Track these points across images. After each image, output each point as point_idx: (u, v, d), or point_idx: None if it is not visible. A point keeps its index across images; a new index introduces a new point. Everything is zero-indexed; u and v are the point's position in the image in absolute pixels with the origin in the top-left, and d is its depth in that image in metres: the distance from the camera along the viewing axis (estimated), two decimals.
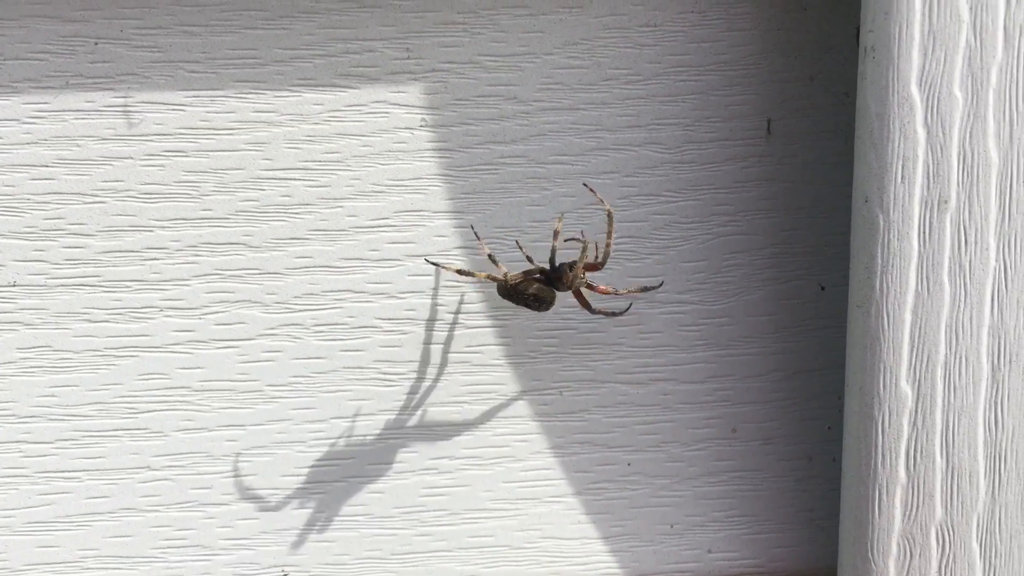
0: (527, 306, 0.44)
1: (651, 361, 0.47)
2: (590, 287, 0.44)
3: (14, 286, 0.44)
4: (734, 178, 0.47)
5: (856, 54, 0.44)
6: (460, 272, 0.44)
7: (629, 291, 0.45)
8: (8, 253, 0.44)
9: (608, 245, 0.44)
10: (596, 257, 0.44)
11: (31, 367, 0.45)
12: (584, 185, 0.45)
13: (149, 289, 0.45)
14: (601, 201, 0.44)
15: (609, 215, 0.44)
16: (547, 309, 0.44)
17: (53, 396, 0.45)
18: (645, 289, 0.45)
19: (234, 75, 0.44)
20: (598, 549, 0.48)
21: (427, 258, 0.45)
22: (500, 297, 0.44)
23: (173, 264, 0.45)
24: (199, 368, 0.45)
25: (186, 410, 0.45)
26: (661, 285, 0.46)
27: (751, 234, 0.47)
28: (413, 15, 0.44)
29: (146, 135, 0.44)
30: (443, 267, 0.45)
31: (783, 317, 0.48)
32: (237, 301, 0.45)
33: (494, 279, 0.44)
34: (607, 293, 0.45)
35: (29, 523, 0.45)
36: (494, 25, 0.45)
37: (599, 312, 0.45)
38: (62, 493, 0.45)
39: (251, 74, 0.44)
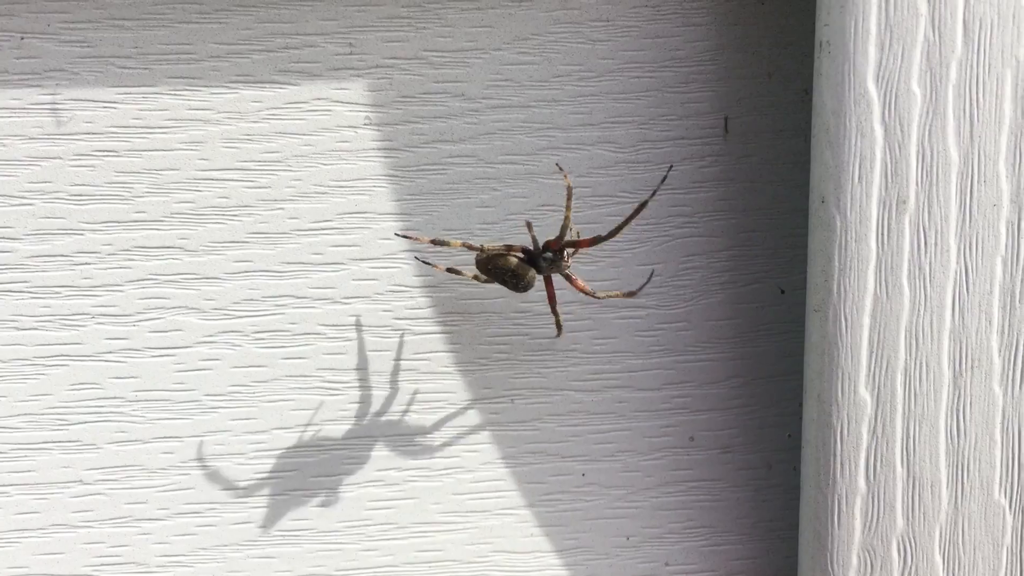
0: (504, 283, 0.42)
1: (606, 368, 0.46)
2: (569, 278, 0.42)
3: None
4: (691, 178, 0.45)
5: (814, 49, 0.43)
6: (450, 271, 0.42)
7: (608, 294, 0.43)
8: None
9: (567, 219, 0.41)
10: (577, 233, 0.42)
11: None
12: (556, 165, 0.43)
13: (80, 295, 0.43)
14: (564, 178, 0.42)
15: (568, 189, 0.41)
16: (523, 290, 0.42)
17: None
18: (630, 294, 0.43)
19: (168, 71, 0.42)
20: (551, 563, 0.46)
21: (418, 256, 0.43)
22: (477, 273, 0.42)
23: (105, 269, 0.43)
24: (133, 377, 0.43)
25: (120, 421, 0.44)
26: (651, 276, 0.44)
27: (709, 236, 0.46)
28: (356, 9, 0.43)
29: (75, 134, 0.42)
30: (434, 266, 0.43)
31: (742, 321, 0.46)
32: (173, 307, 0.43)
33: (471, 247, 0.42)
34: (583, 291, 0.43)
35: None
36: (440, 19, 0.43)
37: (607, 296, 0.43)
38: None
39: (186, 70, 0.42)
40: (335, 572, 0.45)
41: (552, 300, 0.43)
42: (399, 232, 0.43)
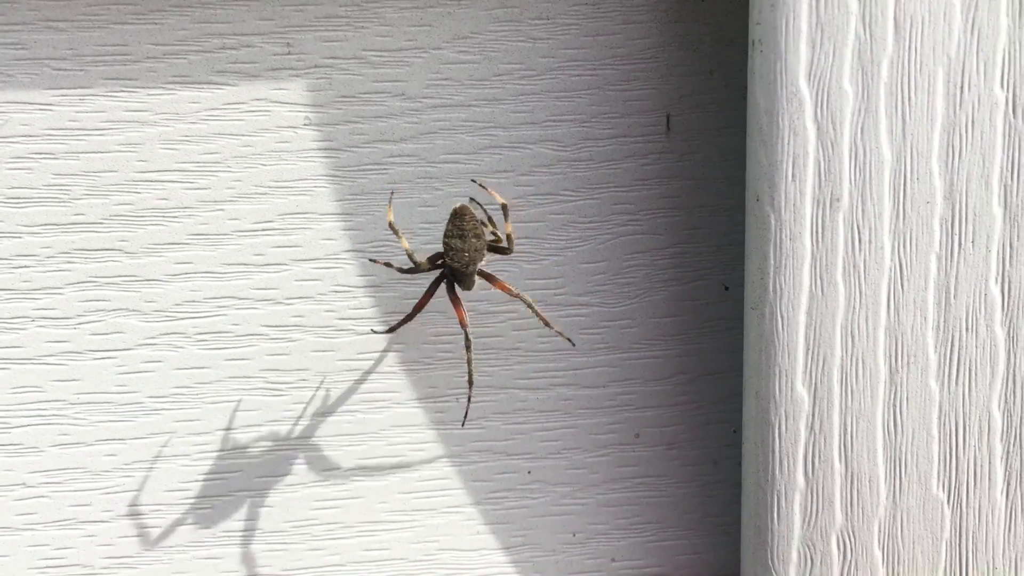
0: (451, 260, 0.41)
1: (550, 366, 0.46)
2: (487, 277, 0.42)
3: None
4: (633, 176, 0.45)
5: None
6: (387, 265, 0.42)
7: (521, 295, 0.42)
8: None
9: (509, 235, 0.42)
10: (498, 239, 0.42)
11: None
12: (473, 181, 0.43)
13: (19, 298, 0.43)
14: (494, 196, 0.42)
15: (504, 208, 0.42)
16: (468, 266, 0.41)
17: None
18: (548, 326, 0.43)
19: (104, 72, 0.42)
20: (498, 560, 0.46)
21: (371, 259, 0.43)
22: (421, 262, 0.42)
23: (44, 272, 0.43)
24: (75, 380, 0.43)
25: (62, 424, 0.44)
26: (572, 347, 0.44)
27: (652, 233, 0.46)
28: (293, 8, 0.43)
29: (11, 137, 0.42)
30: (393, 267, 0.42)
31: (687, 318, 0.46)
32: (114, 310, 0.43)
33: (411, 259, 0.41)
34: (506, 291, 0.43)
35: None
36: (379, 18, 0.43)
37: (558, 332, 0.43)
38: None
39: (122, 71, 0.42)
40: (282, 572, 0.45)
41: (547, 324, 0.42)
42: (372, 259, 0.43)
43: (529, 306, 0.42)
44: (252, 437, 0.45)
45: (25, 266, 0.43)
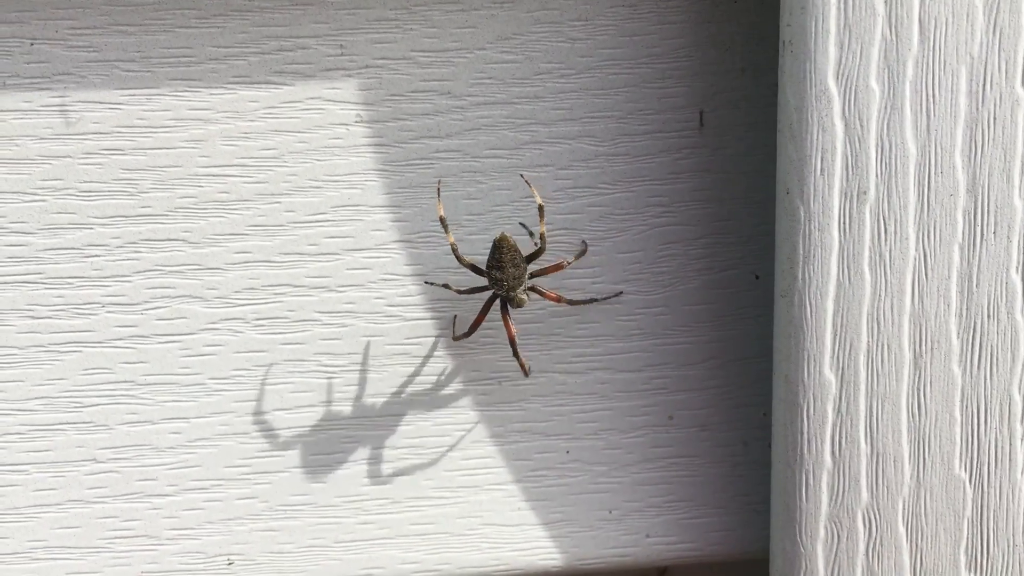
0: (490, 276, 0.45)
1: (588, 351, 0.48)
2: (538, 291, 0.45)
3: None
4: (668, 169, 0.47)
5: None
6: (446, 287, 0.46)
7: (572, 302, 0.46)
8: None
9: (542, 235, 0.45)
10: (536, 244, 0.45)
11: None
12: (520, 176, 0.46)
13: (91, 285, 0.46)
14: (534, 194, 0.45)
15: (540, 209, 0.44)
16: (512, 288, 0.45)
17: None
18: (592, 300, 0.46)
19: (169, 73, 0.45)
20: (538, 535, 0.49)
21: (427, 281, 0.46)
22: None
23: (114, 261, 0.46)
24: (142, 362, 0.46)
25: (130, 404, 0.46)
26: (619, 295, 0.47)
27: (685, 225, 0.48)
28: (346, 12, 0.45)
29: (84, 134, 0.45)
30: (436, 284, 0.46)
31: (718, 306, 0.48)
32: (178, 296, 0.46)
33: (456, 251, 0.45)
34: (552, 299, 0.45)
35: None
36: (426, 21, 0.45)
37: (576, 303, 0.45)
38: (10, 486, 0.46)
39: (186, 72, 0.45)
40: (334, 544, 0.48)
41: (566, 302, 0.45)
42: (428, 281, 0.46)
43: (571, 303, 0.45)
44: (306, 417, 0.47)
45: (96, 255, 0.45)
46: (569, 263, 0.46)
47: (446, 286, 0.45)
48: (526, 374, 0.46)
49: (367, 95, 0.45)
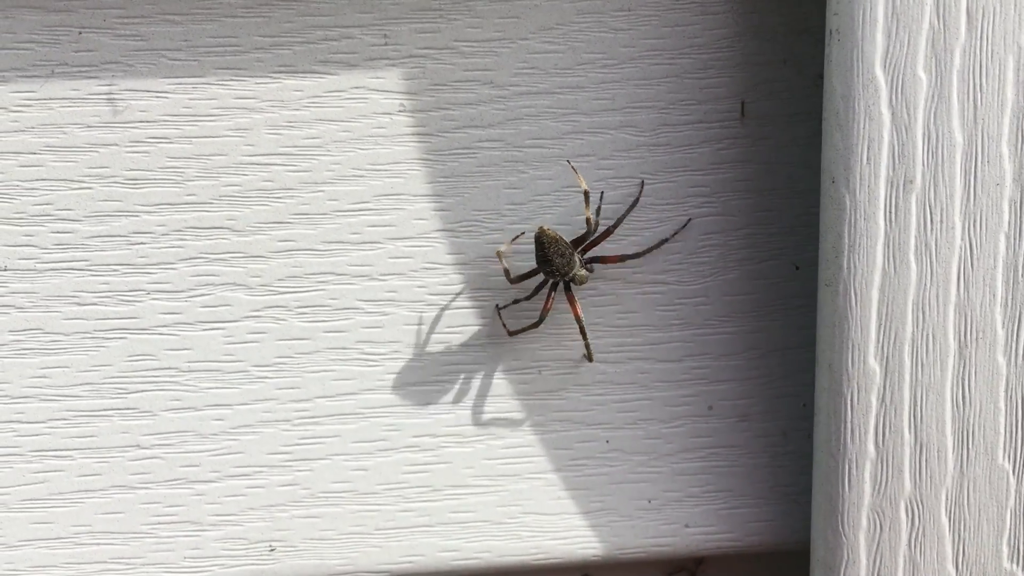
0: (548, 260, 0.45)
1: (628, 340, 0.48)
2: (598, 260, 0.46)
3: (5, 270, 0.45)
4: (709, 160, 0.47)
5: None
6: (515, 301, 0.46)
7: (637, 254, 0.46)
8: None
9: (588, 219, 0.45)
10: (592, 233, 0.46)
11: (23, 349, 0.46)
12: (567, 163, 0.46)
13: (136, 273, 0.46)
14: (579, 181, 0.45)
15: (585, 194, 0.45)
16: (565, 270, 0.45)
17: (45, 377, 0.46)
18: (662, 242, 0.46)
19: (215, 62, 0.45)
20: (577, 524, 0.49)
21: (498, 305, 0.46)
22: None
23: (159, 248, 0.46)
24: (186, 349, 0.47)
25: (174, 390, 0.47)
26: (686, 225, 0.47)
27: (726, 215, 0.48)
28: (390, 2, 0.45)
29: (130, 122, 0.45)
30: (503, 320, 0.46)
31: (758, 296, 0.49)
32: (222, 284, 0.46)
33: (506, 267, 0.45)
34: (615, 262, 0.46)
35: (23, 500, 0.47)
36: (470, 11, 0.46)
37: (642, 253, 0.46)
38: (55, 471, 0.47)
39: (232, 61, 0.45)
40: (374, 531, 0.48)
41: (621, 258, 0.46)
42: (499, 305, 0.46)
43: (637, 255, 0.46)
44: (348, 404, 0.48)
45: (142, 243, 0.46)
46: (614, 228, 0.45)
47: (516, 301, 0.46)
48: (590, 358, 0.46)
49: (410, 84, 0.46)
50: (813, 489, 0.46)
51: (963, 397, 0.43)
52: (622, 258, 0.46)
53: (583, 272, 0.45)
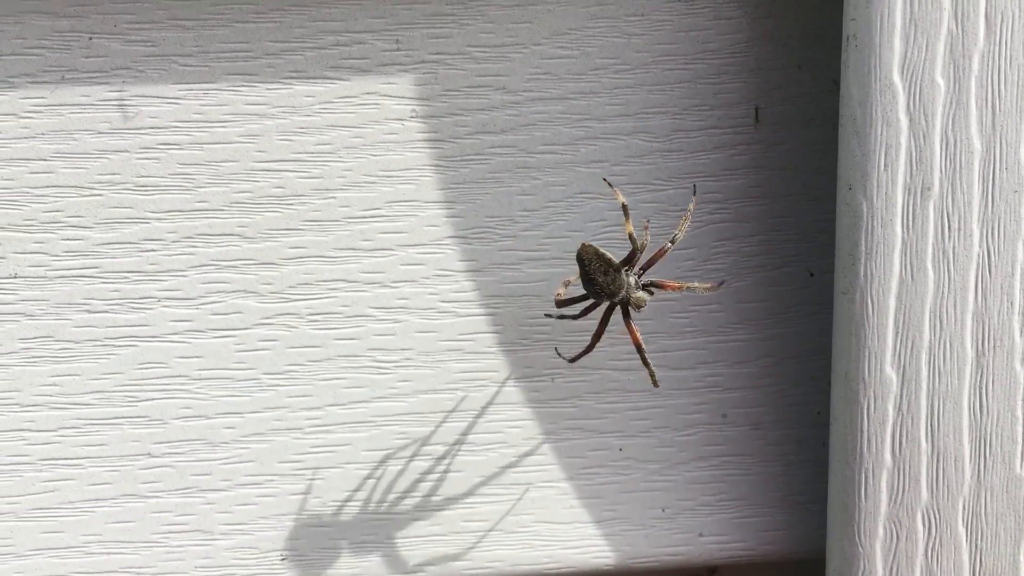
0: (592, 278, 0.43)
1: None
2: (657, 285, 0.43)
3: (15, 278, 0.45)
4: (723, 166, 0.47)
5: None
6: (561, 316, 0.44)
7: (707, 288, 0.44)
8: (8, 245, 0.45)
9: (631, 234, 0.43)
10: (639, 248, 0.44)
11: (33, 357, 0.46)
12: (604, 180, 0.45)
13: (147, 280, 0.46)
14: (617, 195, 0.44)
15: (624, 208, 0.44)
16: (611, 288, 0.43)
17: (55, 385, 0.46)
18: (722, 283, 0.44)
19: (226, 68, 0.45)
20: (590, 533, 0.49)
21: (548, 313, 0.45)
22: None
23: (170, 255, 0.46)
24: (197, 357, 0.46)
25: (185, 398, 0.46)
26: (722, 285, 0.45)
27: (740, 221, 0.48)
28: (402, 7, 0.45)
29: (141, 128, 0.45)
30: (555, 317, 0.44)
31: (773, 303, 0.48)
32: (233, 291, 0.46)
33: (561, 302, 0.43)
34: (675, 289, 0.44)
35: (33, 509, 0.46)
36: (483, 16, 0.45)
37: (711, 289, 0.44)
38: (65, 480, 0.46)
39: (243, 67, 0.45)
40: (386, 540, 0.48)
41: (636, 343, 0.43)
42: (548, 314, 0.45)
43: (695, 290, 0.43)
44: (359, 413, 0.47)
45: (152, 250, 0.46)
46: (671, 246, 0.44)
47: (562, 317, 0.44)
48: (656, 384, 0.43)
49: (422, 90, 0.45)
50: (828, 498, 0.45)
51: (980, 406, 0.43)
52: (685, 287, 0.43)
53: (640, 294, 0.43)
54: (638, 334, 0.44)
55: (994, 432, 0.43)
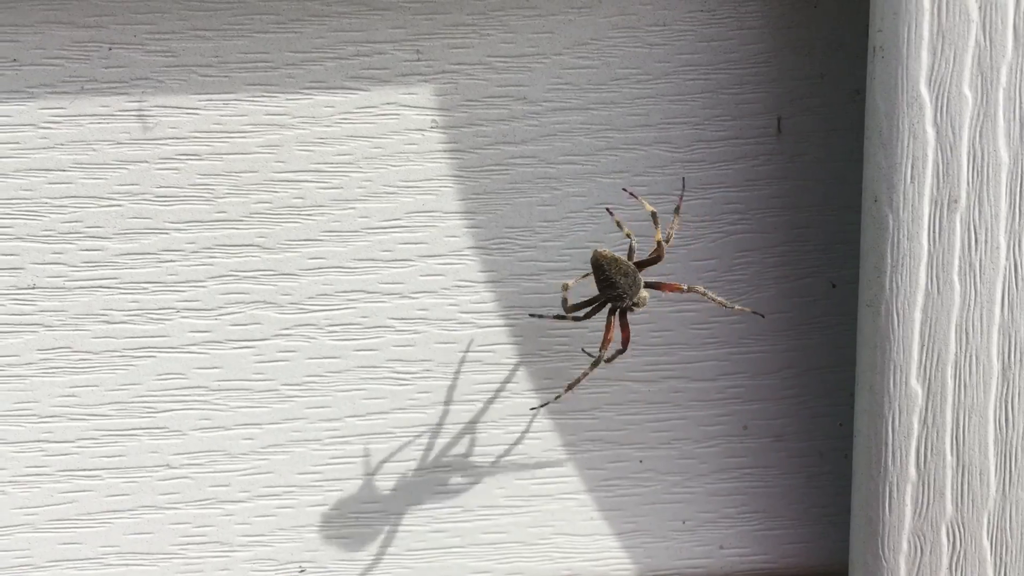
0: (612, 285, 0.43)
1: (662, 359, 0.48)
2: (657, 287, 0.44)
3: (34, 288, 0.45)
4: (744, 176, 0.47)
5: (866, 52, 0.44)
6: (559, 318, 0.44)
7: (722, 303, 0.44)
8: (27, 256, 0.45)
9: (659, 241, 0.43)
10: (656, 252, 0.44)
11: (52, 368, 0.45)
12: (624, 190, 0.45)
13: (166, 291, 0.46)
14: (643, 204, 0.44)
15: (653, 215, 0.43)
16: (632, 293, 0.43)
17: (73, 396, 0.46)
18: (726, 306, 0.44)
19: (246, 79, 0.44)
20: (610, 545, 0.48)
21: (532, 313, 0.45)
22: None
23: (189, 266, 0.45)
24: (216, 368, 0.46)
25: (203, 409, 0.46)
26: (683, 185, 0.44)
27: (762, 232, 0.47)
28: (423, 17, 0.45)
29: (160, 139, 0.45)
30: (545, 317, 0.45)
31: (794, 315, 0.48)
32: (252, 302, 0.46)
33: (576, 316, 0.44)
34: (677, 290, 0.44)
35: (51, 520, 0.46)
36: (503, 26, 0.45)
37: (741, 310, 0.44)
38: (83, 491, 0.46)
39: (263, 77, 0.44)
40: (405, 552, 0.48)
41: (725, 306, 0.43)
42: (532, 313, 0.45)
43: (704, 294, 0.43)
44: (379, 424, 0.47)
45: (171, 260, 0.45)
46: (665, 244, 0.43)
47: (559, 317, 0.44)
48: (589, 371, 0.43)
49: (443, 100, 0.45)
50: (852, 511, 0.45)
51: (1006, 419, 0.42)
52: (689, 288, 0.43)
53: (645, 294, 0.43)
54: (629, 337, 0.44)
55: (1020, 445, 0.43)
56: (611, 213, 0.44)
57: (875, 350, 0.42)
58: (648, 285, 0.44)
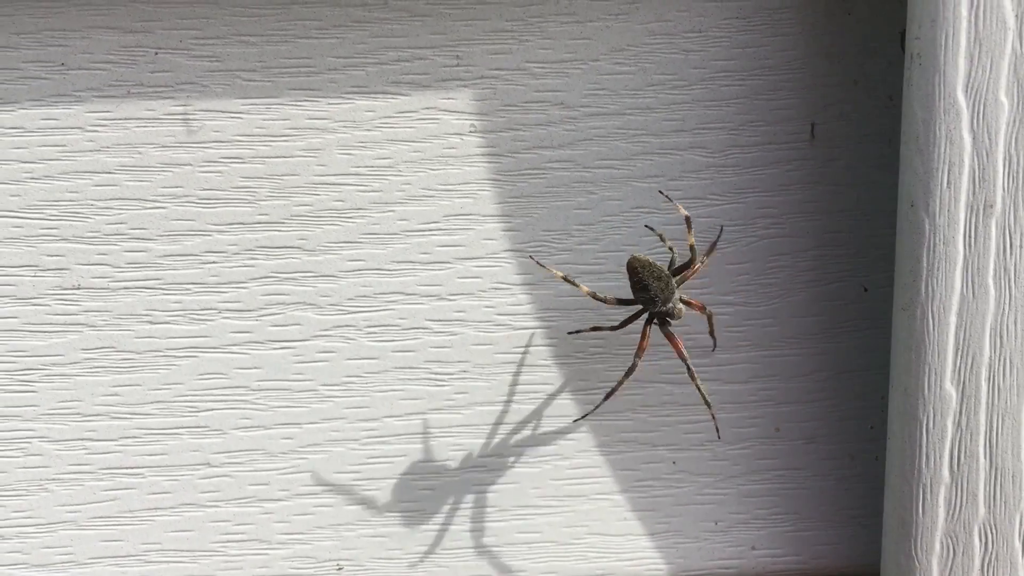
0: (644, 289, 0.44)
1: (696, 361, 0.48)
2: (685, 302, 0.45)
3: (78, 289, 0.46)
4: (778, 181, 0.47)
5: (900, 58, 0.45)
6: (567, 280, 0.44)
7: (710, 313, 0.45)
8: (73, 257, 0.45)
9: (692, 246, 0.44)
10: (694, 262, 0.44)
11: (95, 367, 0.46)
12: (660, 192, 0.46)
13: (208, 291, 0.46)
14: (678, 208, 0.44)
15: (687, 220, 0.44)
16: (665, 301, 0.44)
17: (116, 395, 0.46)
18: (712, 247, 0.44)
19: (289, 83, 0.45)
20: (643, 545, 0.49)
21: (533, 256, 0.45)
22: (594, 292, 0.44)
23: (231, 267, 0.46)
24: (256, 368, 0.47)
25: (244, 409, 0.47)
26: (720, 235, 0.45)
27: (795, 236, 0.48)
28: (463, 23, 0.45)
29: (205, 142, 0.45)
30: (549, 269, 0.45)
31: (826, 318, 0.48)
32: (292, 303, 0.47)
33: (597, 298, 0.44)
34: (698, 309, 0.45)
35: (94, 518, 0.47)
36: (542, 32, 0.46)
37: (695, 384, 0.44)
38: (125, 489, 0.47)
39: (305, 82, 0.45)
40: (441, 551, 0.48)
41: (678, 348, 0.44)
42: (535, 258, 0.46)
43: (708, 321, 0.45)
44: (416, 424, 0.48)
45: (213, 262, 0.46)
46: (704, 263, 0.45)
47: (596, 328, 0.45)
48: (707, 404, 0.44)
49: (481, 105, 0.46)
50: (884, 513, 0.45)
51: None
52: (706, 310, 0.45)
53: (680, 306, 0.44)
54: (681, 345, 0.44)
55: None
56: (652, 229, 0.45)
57: (910, 353, 0.43)
58: (683, 301, 0.45)
